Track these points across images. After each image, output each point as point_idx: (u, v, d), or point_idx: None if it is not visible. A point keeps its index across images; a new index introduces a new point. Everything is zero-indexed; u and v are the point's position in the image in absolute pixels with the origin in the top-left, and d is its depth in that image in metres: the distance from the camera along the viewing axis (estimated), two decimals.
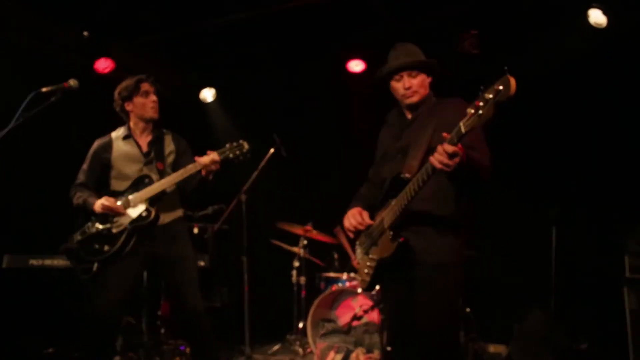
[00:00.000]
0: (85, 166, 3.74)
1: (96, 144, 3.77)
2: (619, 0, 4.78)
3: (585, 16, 4.90)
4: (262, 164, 5.05)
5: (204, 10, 5.49)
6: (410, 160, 2.58)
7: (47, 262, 4.81)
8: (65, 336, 4.80)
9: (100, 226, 3.54)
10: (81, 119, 5.67)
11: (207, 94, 7.02)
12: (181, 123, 3.91)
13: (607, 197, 5.12)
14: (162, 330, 4.94)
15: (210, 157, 3.51)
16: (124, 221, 3.49)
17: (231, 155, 3.56)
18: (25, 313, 4.76)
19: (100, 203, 3.51)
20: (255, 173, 5.03)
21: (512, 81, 2.01)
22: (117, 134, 3.76)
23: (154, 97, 3.66)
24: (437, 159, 2.28)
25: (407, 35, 5.44)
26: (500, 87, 2.03)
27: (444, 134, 2.30)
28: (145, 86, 3.65)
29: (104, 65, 5.83)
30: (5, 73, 5.13)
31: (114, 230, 3.50)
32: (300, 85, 6.64)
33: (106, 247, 3.50)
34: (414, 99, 2.77)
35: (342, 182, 3.87)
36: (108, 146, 3.72)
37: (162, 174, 3.59)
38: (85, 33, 5.71)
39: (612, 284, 4.56)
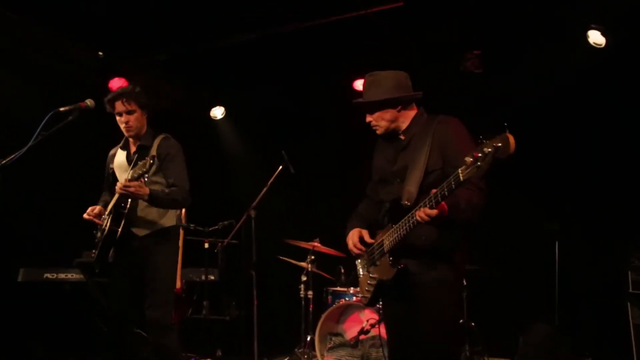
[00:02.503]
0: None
1: (109, 153, 3.89)
2: (617, 22, 4.89)
3: (585, 36, 5.02)
4: (271, 180, 5.15)
5: (215, 31, 5.65)
6: (408, 186, 2.63)
7: (62, 275, 4.92)
8: (77, 348, 4.90)
9: (97, 233, 3.65)
10: (95, 136, 5.82)
11: (217, 112, 7.17)
12: (192, 139, 4.00)
13: (610, 213, 5.18)
14: None
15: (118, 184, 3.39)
16: (103, 230, 3.56)
17: (137, 175, 3.33)
18: (39, 325, 4.87)
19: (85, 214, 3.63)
20: (264, 189, 5.13)
21: (512, 140, 2.04)
22: (121, 143, 3.83)
23: (124, 118, 3.58)
24: (421, 216, 2.41)
25: (412, 55, 5.61)
26: (499, 144, 2.05)
27: (432, 190, 2.37)
28: (118, 106, 3.58)
29: (118, 84, 5.97)
30: (23, 92, 5.29)
31: (96, 239, 3.62)
32: (307, 103, 6.77)
33: (92, 254, 3.61)
34: (378, 131, 2.83)
35: (348, 198, 3.96)
36: (112, 156, 3.84)
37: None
38: (100, 53, 5.88)
39: (616, 298, 4.61)
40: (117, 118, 3.64)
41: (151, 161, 3.30)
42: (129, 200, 3.52)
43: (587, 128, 5.39)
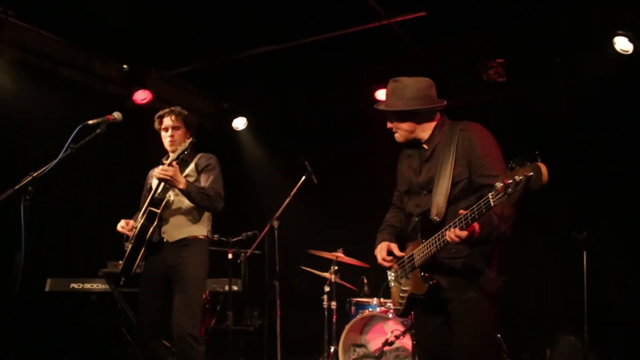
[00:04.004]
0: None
1: (149, 172, 4.00)
2: None
3: (611, 43, 4.95)
4: (294, 190, 5.16)
5: (237, 42, 5.70)
6: (436, 199, 2.62)
7: (88, 285, 4.97)
8: (103, 358, 4.94)
9: (127, 245, 3.76)
10: (122, 149, 5.92)
11: (239, 123, 7.21)
12: (214, 151, 4.03)
13: (638, 222, 5.08)
14: None
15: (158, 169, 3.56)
16: (134, 233, 3.70)
17: (176, 155, 3.52)
18: (65, 334, 4.93)
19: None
20: (288, 199, 5.14)
21: (544, 170, 2.00)
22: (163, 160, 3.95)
23: (170, 132, 3.77)
24: (451, 237, 2.38)
25: (433, 64, 5.59)
26: (531, 174, 2.02)
27: (461, 211, 2.34)
28: (165, 121, 3.80)
29: (142, 96, 6.06)
30: (53, 106, 5.39)
31: (126, 249, 3.72)
32: (329, 113, 6.78)
33: (119, 264, 3.73)
34: (398, 139, 2.81)
35: (372, 208, 3.94)
36: (152, 174, 3.93)
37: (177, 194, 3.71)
38: (125, 66, 5.98)
39: None
40: (163, 134, 3.83)
41: (190, 141, 3.50)
42: (164, 201, 3.65)
43: (614, 135, 5.31)
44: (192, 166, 3.81)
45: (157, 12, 5.08)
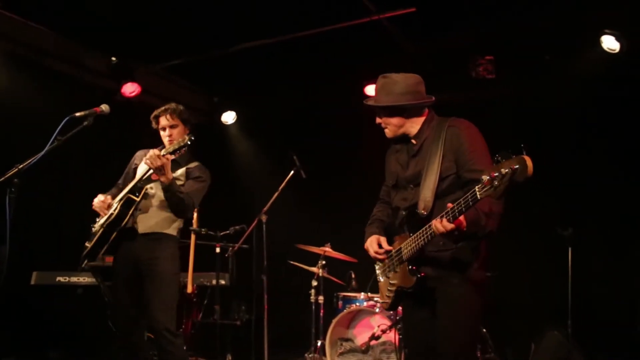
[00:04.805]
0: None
1: (138, 152, 3.97)
2: (631, 27, 4.87)
3: (598, 42, 4.99)
4: (282, 185, 5.16)
5: (227, 37, 5.68)
6: (423, 193, 2.64)
7: (74, 279, 4.95)
8: (89, 351, 4.93)
9: (95, 225, 3.73)
10: (109, 141, 5.88)
11: (228, 117, 7.20)
12: (203, 144, 4.01)
13: (623, 219, 5.14)
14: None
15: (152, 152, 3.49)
16: (102, 221, 3.66)
17: (172, 149, 3.49)
18: (51, 328, 4.91)
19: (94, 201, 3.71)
20: (276, 194, 5.14)
21: (529, 162, 2.01)
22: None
23: (168, 132, 3.75)
24: (437, 227, 2.40)
25: (423, 60, 5.61)
26: (516, 166, 2.03)
27: (448, 205, 2.36)
28: (162, 121, 3.78)
29: (130, 89, 6.02)
30: (39, 97, 5.34)
31: (94, 229, 3.69)
32: (319, 108, 6.78)
33: (86, 244, 3.68)
34: (387, 134, 2.84)
35: (360, 203, 3.95)
36: (142, 155, 3.89)
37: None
38: (114, 59, 5.93)
39: (628, 304, 4.56)
40: (161, 133, 3.81)
41: (188, 137, 3.44)
42: (143, 189, 3.62)
43: (601, 132, 5.36)
44: (182, 170, 3.79)
45: (147, 5, 5.04)
